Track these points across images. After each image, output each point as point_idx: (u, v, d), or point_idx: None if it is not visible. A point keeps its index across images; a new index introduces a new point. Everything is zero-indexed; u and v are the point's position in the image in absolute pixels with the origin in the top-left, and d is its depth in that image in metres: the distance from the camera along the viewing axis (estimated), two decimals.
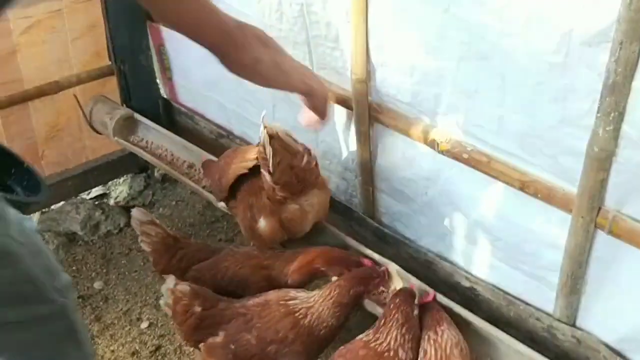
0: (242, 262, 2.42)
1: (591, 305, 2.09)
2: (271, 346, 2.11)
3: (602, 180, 1.81)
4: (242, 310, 2.20)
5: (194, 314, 2.15)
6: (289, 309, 2.17)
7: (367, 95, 2.37)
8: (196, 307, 2.15)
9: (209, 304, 2.18)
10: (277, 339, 2.12)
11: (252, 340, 2.12)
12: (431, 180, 2.38)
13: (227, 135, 3.22)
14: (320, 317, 2.16)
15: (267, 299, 2.23)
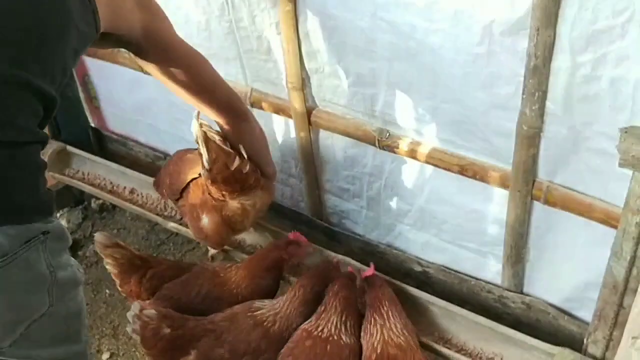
0: (215, 278, 2.44)
1: (535, 272, 2.27)
2: (244, 358, 2.16)
3: (533, 155, 1.99)
4: (210, 326, 2.23)
5: (163, 336, 2.13)
6: (256, 320, 2.23)
7: (304, 101, 2.46)
8: (165, 329, 2.14)
9: (177, 324, 2.18)
10: (249, 350, 2.17)
11: (225, 355, 2.15)
12: (374, 175, 2.50)
13: (164, 156, 3.24)
14: (289, 319, 2.24)
15: (233, 313, 2.28)
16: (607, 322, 1.95)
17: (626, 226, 1.79)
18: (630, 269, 1.82)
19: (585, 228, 2.03)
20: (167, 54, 1.88)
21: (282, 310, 2.25)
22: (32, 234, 1.38)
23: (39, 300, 1.45)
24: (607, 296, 1.92)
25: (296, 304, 2.24)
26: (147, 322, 2.13)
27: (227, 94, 2.12)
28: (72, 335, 1.63)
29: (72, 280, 1.54)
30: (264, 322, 2.22)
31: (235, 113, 2.15)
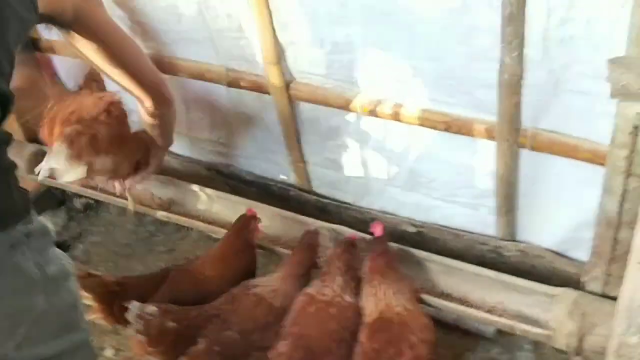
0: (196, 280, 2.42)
1: (528, 219, 2.31)
2: (254, 334, 2.17)
3: (516, 103, 2.01)
4: (214, 312, 2.23)
5: (170, 330, 2.10)
6: (258, 296, 2.25)
7: (282, 75, 2.45)
8: (169, 323, 2.11)
9: (181, 317, 2.17)
10: (258, 326, 2.18)
11: (234, 335, 2.16)
12: (360, 142, 2.51)
13: None
14: (288, 294, 2.26)
15: (233, 295, 2.29)
16: (604, 258, 2.00)
17: (614, 161, 1.83)
18: (622, 203, 1.86)
19: (573, 169, 2.07)
20: (98, 36, 1.92)
21: (279, 285, 2.28)
22: (15, 239, 1.36)
23: (34, 300, 1.44)
24: (602, 232, 1.96)
25: (292, 279, 2.28)
26: (150, 320, 2.09)
27: (155, 79, 2.15)
28: (72, 325, 1.62)
29: (62, 273, 1.53)
30: (265, 297, 2.24)
31: (160, 98, 2.17)
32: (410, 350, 1.98)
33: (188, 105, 2.90)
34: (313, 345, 2.09)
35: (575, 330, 1.99)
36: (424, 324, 2.09)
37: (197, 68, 2.68)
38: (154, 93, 2.13)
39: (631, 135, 1.74)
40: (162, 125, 2.25)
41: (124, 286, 2.34)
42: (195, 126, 2.95)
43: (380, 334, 2.05)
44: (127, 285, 2.36)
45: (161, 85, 2.13)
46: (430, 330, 2.08)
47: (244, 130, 2.82)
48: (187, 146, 3.07)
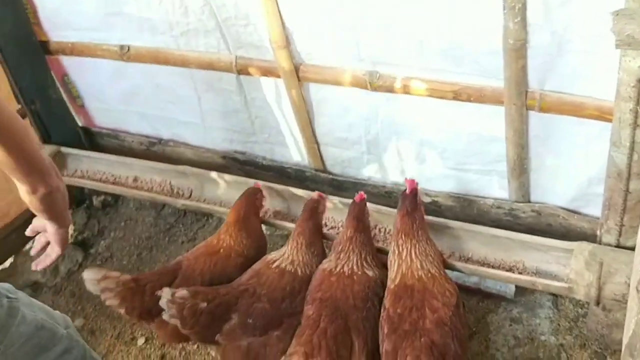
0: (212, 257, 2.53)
1: (540, 179, 2.38)
2: (284, 302, 2.27)
3: (522, 66, 2.08)
4: (242, 287, 2.32)
5: (202, 311, 2.19)
6: (280, 269, 2.36)
7: (291, 58, 2.52)
8: (201, 304, 2.19)
9: (211, 296, 2.25)
10: (286, 294, 2.29)
11: (265, 306, 2.26)
12: (370, 119, 2.58)
13: (159, 141, 3.28)
14: (306, 261, 2.39)
15: (256, 270, 2.39)
16: (616, 209, 2.07)
17: (620, 115, 1.90)
18: (631, 154, 1.93)
19: (581, 127, 2.14)
20: None
21: (295, 257, 2.39)
22: None
23: None
24: (613, 185, 2.04)
25: (304, 250, 2.39)
26: (182, 304, 2.16)
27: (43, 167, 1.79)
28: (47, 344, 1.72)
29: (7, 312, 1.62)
30: (286, 269, 2.35)
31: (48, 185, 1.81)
32: (432, 314, 2.04)
33: (200, 95, 2.96)
34: (339, 304, 2.18)
35: (594, 280, 2.07)
36: (447, 288, 2.14)
37: (207, 58, 2.75)
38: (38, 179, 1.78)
39: (635, 87, 1.80)
40: (50, 210, 1.91)
41: (139, 282, 2.40)
42: (208, 116, 3.02)
43: (403, 300, 2.11)
44: (143, 280, 2.42)
45: (46, 173, 1.78)
46: (453, 294, 2.13)
47: (257, 116, 2.88)
48: (201, 136, 3.14)
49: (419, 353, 1.90)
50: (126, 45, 2.91)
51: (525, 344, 2.50)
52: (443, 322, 2.02)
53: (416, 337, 1.96)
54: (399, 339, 2.00)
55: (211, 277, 2.47)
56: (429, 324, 2.01)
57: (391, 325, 2.06)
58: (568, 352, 2.44)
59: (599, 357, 2.40)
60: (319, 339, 2.04)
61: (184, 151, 3.21)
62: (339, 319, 2.14)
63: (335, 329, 2.09)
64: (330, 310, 2.16)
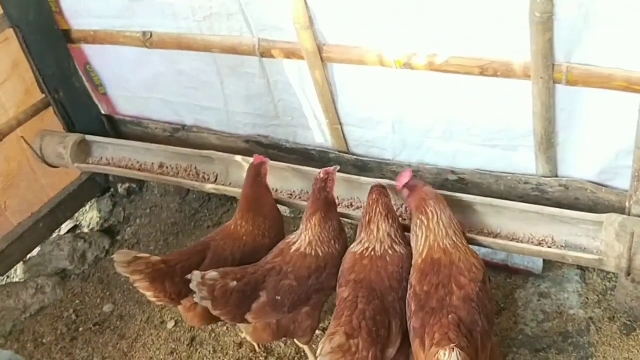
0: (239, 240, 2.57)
1: (567, 153, 2.39)
2: (311, 278, 2.32)
3: (549, 39, 2.07)
4: (269, 266, 2.36)
5: (233, 289, 2.22)
6: (300, 250, 2.39)
7: (314, 39, 2.53)
8: (231, 282, 2.23)
9: (240, 275, 2.28)
10: (311, 271, 2.33)
11: (292, 282, 2.29)
12: (394, 97, 2.58)
13: (183, 127, 3.30)
14: (323, 240, 2.41)
15: (279, 249, 2.44)
16: None
17: None
18: None
19: (609, 99, 2.14)
20: None
21: (312, 238, 2.41)
22: None
23: None
24: None
25: (319, 229, 2.41)
26: (213, 285, 2.20)
27: None
28: None
29: None
30: (306, 251, 2.38)
31: None
32: (459, 290, 2.05)
33: (222, 80, 2.98)
34: (374, 286, 2.20)
35: (625, 251, 2.07)
36: (473, 263, 2.15)
37: (230, 42, 2.76)
38: None
39: None
40: None
41: (169, 262, 2.42)
42: (231, 100, 3.04)
43: (429, 276, 2.12)
44: (172, 261, 2.44)
45: None
46: (479, 269, 2.13)
47: (280, 99, 2.90)
48: (224, 121, 3.16)
49: (446, 330, 1.91)
50: (148, 31, 2.94)
51: (554, 318, 2.51)
52: (470, 298, 2.03)
53: (443, 314, 1.98)
54: (427, 315, 2.01)
55: (242, 257, 2.52)
56: (456, 300, 2.02)
57: (418, 303, 2.08)
58: (597, 325, 2.45)
59: (628, 329, 2.41)
60: (358, 320, 2.06)
61: (207, 136, 3.23)
62: (376, 300, 2.16)
63: (373, 309, 2.12)
64: (366, 291, 2.18)
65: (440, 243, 2.19)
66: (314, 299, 2.34)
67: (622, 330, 2.41)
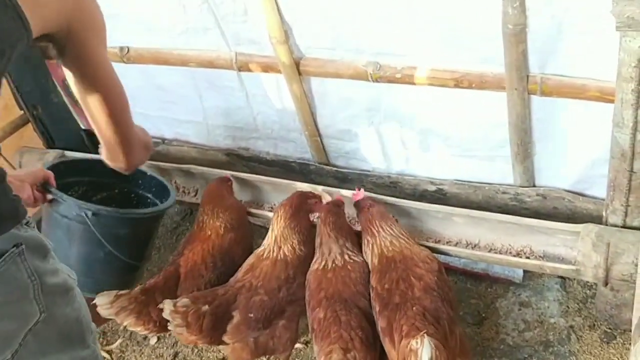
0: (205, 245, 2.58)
1: (544, 163, 2.40)
2: (281, 291, 2.31)
3: (522, 51, 2.08)
4: (239, 284, 2.35)
5: (205, 313, 2.21)
6: (271, 259, 2.39)
7: (291, 53, 2.52)
8: (204, 307, 2.22)
9: (211, 298, 2.27)
10: (282, 282, 2.33)
11: (263, 297, 2.28)
12: (373, 109, 2.59)
13: (163, 141, 3.29)
14: (292, 244, 2.42)
15: (249, 264, 2.43)
16: (621, 190, 2.08)
17: (622, 95, 1.90)
18: (634, 134, 1.94)
19: (583, 109, 2.15)
20: (86, 69, 1.64)
21: (278, 236, 2.43)
22: (4, 247, 1.37)
23: (28, 309, 1.46)
24: (617, 165, 2.05)
25: (286, 234, 2.43)
26: (186, 311, 2.18)
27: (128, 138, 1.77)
28: (76, 340, 1.63)
29: (62, 286, 1.55)
30: (276, 257, 2.39)
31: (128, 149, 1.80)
32: (419, 282, 2.10)
33: (201, 94, 2.97)
34: (344, 295, 2.22)
35: (602, 261, 2.08)
36: (425, 255, 2.23)
37: (207, 56, 2.75)
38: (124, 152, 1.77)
39: (637, 68, 1.81)
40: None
41: (148, 292, 2.38)
42: (211, 114, 3.03)
43: (388, 274, 2.17)
44: (151, 289, 2.40)
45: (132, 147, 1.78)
46: (433, 260, 2.21)
47: (259, 112, 2.89)
48: (204, 134, 3.15)
49: (413, 321, 1.95)
50: (126, 46, 2.92)
51: (535, 327, 2.51)
52: (430, 287, 2.08)
53: (408, 307, 2.02)
54: (392, 313, 2.04)
55: (213, 261, 2.51)
56: (418, 291, 2.07)
57: (382, 302, 2.11)
58: (578, 333, 2.45)
59: (609, 337, 2.42)
60: (347, 332, 2.07)
61: (187, 150, 3.22)
62: (355, 308, 2.17)
63: (356, 318, 2.13)
64: (342, 304, 2.18)
65: (390, 248, 2.26)
66: (288, 311, 2.33)
67: (602, 338, 2.42)
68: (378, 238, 2.30)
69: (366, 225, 2.38)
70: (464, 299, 2.69)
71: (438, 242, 2.44)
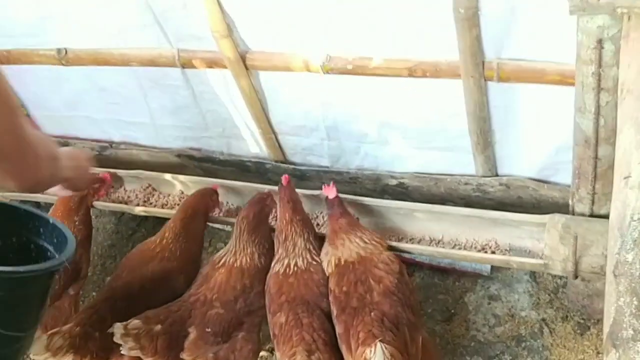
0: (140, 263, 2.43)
1: (506, 152, 2.29)
2: (238, 302, 2.18)
3: (476, 36, 1.96)
4: (192, 298, 2.22)
5: (159, 334, 2.05)
6: (226, 267, 2.27)
7: (236, 47, 2.37)
8: (155, 327, 2.06)
9: (164, 317, 2.12)
10: (238, 293, 2.20)
11: (219, 310, 2.15)
12: (327, 103, 2.45)
13: (110, 145, 3.12)
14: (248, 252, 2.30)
15: (204, 275, 2.31)
16: (587, 177, 1.97)
17: (583, 79, 1.79)
18: (597, 119, 1.83)
19: (544, 94, 2.04)
20: None
21: (237, 248, 2.30)
22: None
23: None
24: (582, 152, 1.94)
25: (245, 239, 2.30)
26: (137, 333, 2.02)
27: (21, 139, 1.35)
28: None
29: None
30: (234, 265, 2.26)
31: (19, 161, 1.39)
32: (378, 285, 1.99)
33: (146, 93, 2.81)
34: (306, 297, 2.11)
35: (570, 254, 1.98)
36: (386, 256, 2.11)
37: (148, 54, 2.59)
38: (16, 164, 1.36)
39: (595, 50, 1.70)
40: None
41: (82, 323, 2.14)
42: (157, 114, 2.87)
43: (346, 276, 2.07)
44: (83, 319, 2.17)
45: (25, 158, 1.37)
46: (394, 261, 2.09)
47: (208, 110, 2.74)
48: (153, 136, 2.99)
49: (370, 327, 1.85)
50: (63, 48, 2.74)
51: (506, 322, 2.42)
52: (390, 291, 1.97)
53: (366, 312, 1.92)
54: (349, 317, 1.94)
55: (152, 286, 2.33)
56: (377, 296, 1.96)
57: (339, 306, 2.01)
58: (550, 326, 2.37)
59: (582, 328, 2.34)
60: (310, 335, 1.97)
61: (137, 153, 3.06)
62: (317, 310, 2.07)
63: (319, 320, 2.03)
64: (304, 306, 2.08)
65: (351, 253, 2.14)
66: (247, 322, 2.20)
67: (576, 330, 2.34)
68: (339, 251, 2.17)
69: (332, 236, 2.24)
70: (431, 294, 2.59)
71: (401, 239, 2.32)
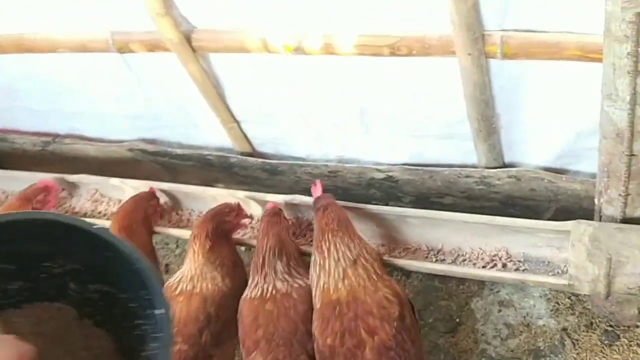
0: None
1: (513, 138, 1.89)
2: (203, 335, 1.83)
3: (473, 4, 1.53)
4: None
5: None
6: (185, 294, 1.90)
7: (177, 27, 1.94)
8: None
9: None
10: (203, 325, 1.84)
11: (183, 348, 1.80)
12: (295, 86, 2.04)
13: (54, 139, 2.71)
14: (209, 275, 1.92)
15: None
16: (618, 176, 1.58)
17: (614, 60, 1.38)
18: (633, 109, 1.43)
19: (559, 72, 1.63)
20: None
21: (194, 273, 1.92)
22: None
23: None
24: (611, 147, 1.54)
25: (203, 260, 1.93)
26: None
27: None
28: None
29: None
30: (192, 292, 1.89)
31: None
32: (371, 337, 1.59)
33: (85, 80, 2.39)
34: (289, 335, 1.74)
35: (601, 274, 1.60)
36: (383, 294, 1.66)
37: (78, 39, 2.17)
38: None
39: (632, 24, 1.28)
40: None
41: None
42: (101, 103, 2.46)
43: (331, 323, 1.65)
44: None
45: None
46: (392, 300, 1.65)
47: (157, 97, 2.32)
48: (100, 127, 2.59)
49: None
50: None
51: (521, 332, 2.07)
52: (386, 346, 1.57)
53: None
54: None
55: None
56: (369, 353, 1.56)
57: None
58: (573, 337, 2.01)
59: (610, 337, 1.98)
60: None
61: (84, 147, 2.65)
62: (302, 355, 1.70)
63: None
64: (286, 349, 1.71)
65: (338, 284, 1.70)
66: (217, 355, 1.87)
67: (603, 340, 1.98)
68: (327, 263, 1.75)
69: (317, 238, 1.83)
70: (432, 300, 2.23)
71: (393, 250, 1.94)
